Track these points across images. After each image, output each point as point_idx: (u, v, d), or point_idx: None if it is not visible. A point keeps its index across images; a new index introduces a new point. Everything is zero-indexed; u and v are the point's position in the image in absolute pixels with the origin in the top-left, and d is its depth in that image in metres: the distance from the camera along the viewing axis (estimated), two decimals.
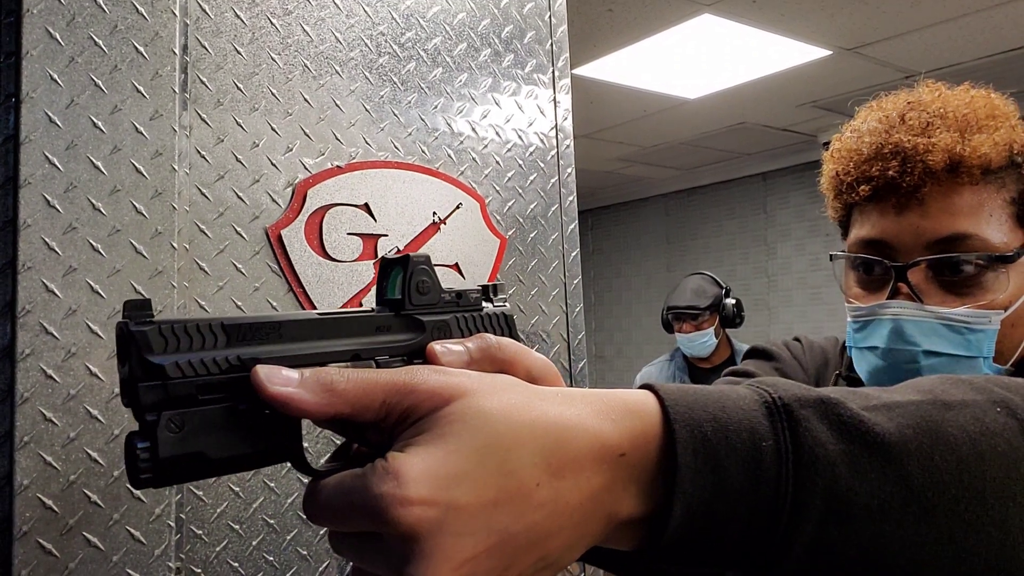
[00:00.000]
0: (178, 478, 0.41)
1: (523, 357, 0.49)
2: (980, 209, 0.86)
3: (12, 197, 0.92)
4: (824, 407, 0.45)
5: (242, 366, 0.42)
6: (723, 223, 6.58)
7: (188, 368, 0.41)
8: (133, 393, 0.40)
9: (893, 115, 0.92)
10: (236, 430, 0.42)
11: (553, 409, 0.43)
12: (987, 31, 3.63)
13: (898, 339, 0.86)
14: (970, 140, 0.86)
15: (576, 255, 1.42)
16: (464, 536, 0.39)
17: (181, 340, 0.41)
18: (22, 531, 0.89)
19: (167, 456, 0.39)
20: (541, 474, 0.41)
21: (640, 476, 0.44)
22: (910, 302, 0.86)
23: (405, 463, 0.39)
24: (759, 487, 0.43)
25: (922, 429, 0.46)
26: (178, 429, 0.40)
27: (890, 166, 0.88)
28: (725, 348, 3.43)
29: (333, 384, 0.42)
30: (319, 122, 1.16)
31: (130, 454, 0.39)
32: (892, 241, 0.89)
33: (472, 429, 0.41)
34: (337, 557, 1.13)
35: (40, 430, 0.91)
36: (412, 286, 0.50)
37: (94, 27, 0.98)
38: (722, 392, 0.46)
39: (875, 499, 0.44)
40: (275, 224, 1.11)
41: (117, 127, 0.99)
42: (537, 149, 1.39)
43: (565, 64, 1.44)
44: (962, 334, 0.84)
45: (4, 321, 0.91)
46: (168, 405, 0.40)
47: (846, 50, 3.83)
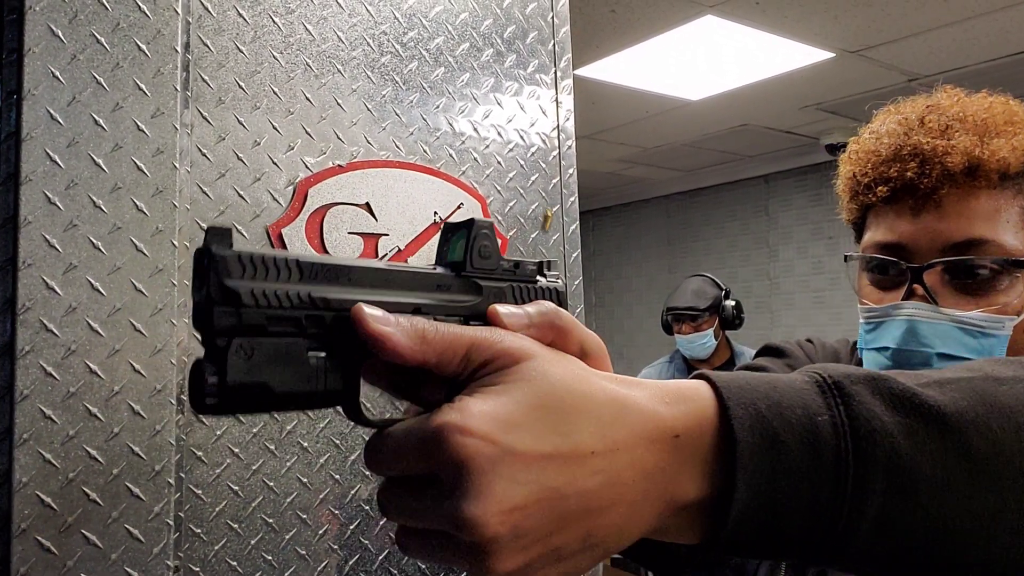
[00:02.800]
0: (242, 407, 0.41)
1: (578, 330, 0.49)
2: (997, 214, 0.86)
3: (13, 194, 0.92)
4: (875, 382, 0.45)
5: (312, 303, 0.43)
6: (725, 225, 6.57)
7: (262, 297, 0.41)
8: (207, 316, 0.40)
9: (912, 118, 0.92)
10: (301, 367, 0.42)
11: (611, 387, 0.44)
12: (992, 34, 3.63)
13: (912, 340, 0.86)
14: (989, 144, 0.86)
15: (577, 256, 1.42)
16: (516, 483, 0.40)
17: (258, 269, 0.42)
18: (21, 528, 0.89)
19: (235, 382, 0.40)
20: (597, 443, 0.42)
21: (698, 458, 0.44)
22: (925, 304, 0.86)
23: (470, 402, 0.41)
24: (820, 462, 0.43)
25: (976, 401, 0.46)
26: (247, 357, 0.40)
27: (908, 167, 0.88)
28: (725, 350, 3.43)
29: (425, 333, 0.43)
30: (320, 121, 1.16)
31: (197, 379, 0.39)
32: (908, 243, 0.89)
33: (536, 387, 0.42)
34: (337, 555, 1.12)
35: (39, 427, 0.91)
36: (475, 250, 0.51)
37: (96, 24, 0.98)
38: (772, 376, 0.47)
39: (938, 470, 0.43)
40: (276, 223, 1.11)
41: (118, 125, 0.98)
42: (539, 149, 1.39)
43: (567, 65, 1.43)
44: (976, 338, 0.84)
45: (4, 318, 0.91)
46: (239, 332, 0.40)
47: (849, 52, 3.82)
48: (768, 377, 0.46)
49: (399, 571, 1.17)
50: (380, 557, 1.16)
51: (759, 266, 6.30)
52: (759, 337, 5.94)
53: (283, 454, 1.09)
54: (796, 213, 6.05)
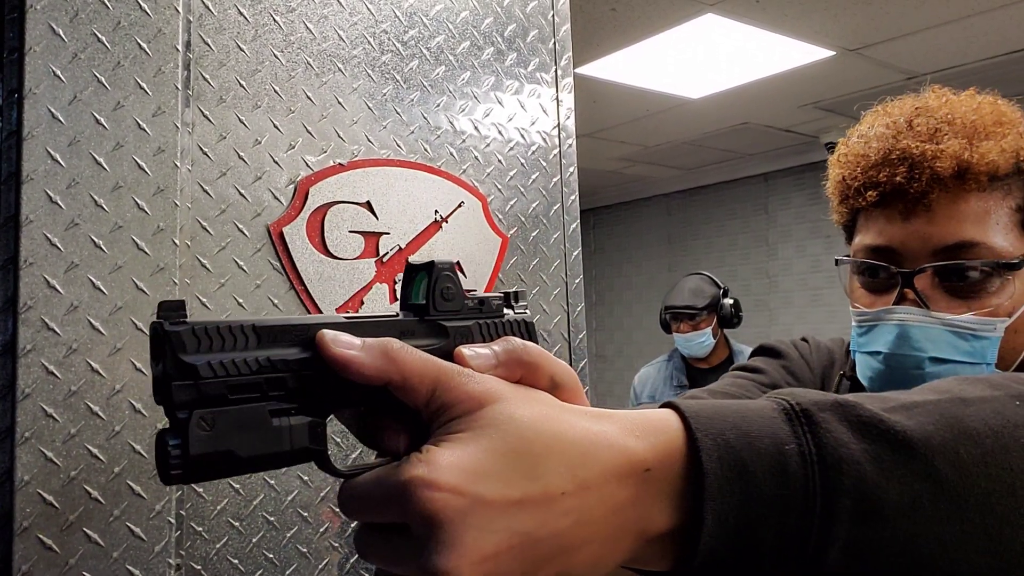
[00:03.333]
0: (207, 475, 0.41)
1: (547, 362, 0.49)
2: (986, 216, 0.86)
3: (15, 193, 0.92)
4: (842, 409, 0.46)
5: (272, 366, 0.43)
6: (725, 223, 6.57)
7: (220, 368, 0.42)
8: (166, 391, 0.41)
9: (900, 121, 0.92)
10: (265, 430, 0.43)
11: (580, 423, 0.44)
12: (991, 32, 3.63)
13: (904, 344, 0.86)
14: (978, 147, 0.86)
15: (578, 254, 1.42)
16: (487, 532, 0.40)
17: (214, 340, 0.42)
18: (23, 527, 0.89)
19: (197, 453, 0.40)
20: (567, 484, 0.42)
21: (668, 490, 0.44)
22: (916, 308, 0.86)
23: (437, 453, 0.41)
24: (787, 491, 0.43)
25: (943, 425, 0.46)
26: (209, 428, 0.41)
27: (898, 172, 0.88)
28: (723, 348, 3.43)
29: (393, 352, 0.43)
30: (321, 120, 1.16)
31: (161, 451, 0.40)
32: (898, 247, 0.89)
33: (503, 432, 0.42)
34: (339, 552, 1.13)
35: (41, 426, 0.91)
36: (437, 292, 0.51)
37: (97, 23, 0.98)
38: (740, 403, 0.47)
39: (905, 496, 0.44)
40: (277, 221, 1.11)
41: (120, 123, 0.99)
42: (539, 148, 1.39)
43: (568, 63, 1.44)
44: (967, 340, 0.85)
45: (6, 317, 0.91)
46: (200, 404, 0.41)
47: (849, 51, 3.82)
48: (737, 405, 0.47)
49: None
50: None
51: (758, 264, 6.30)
52: (757, 335, 5.95)
53: None
54: (795, 212, 6.05)
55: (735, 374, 1.05)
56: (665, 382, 3.48)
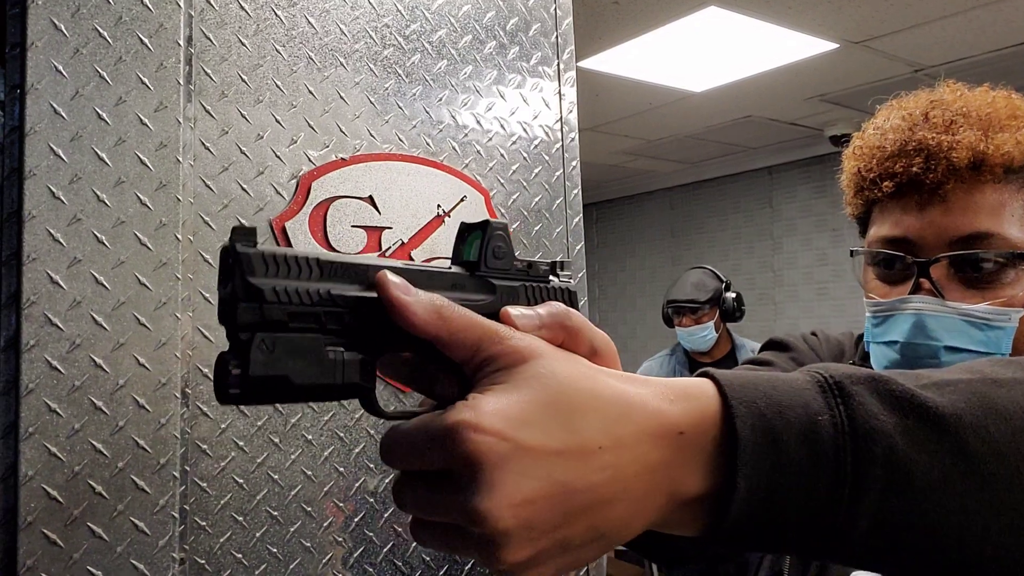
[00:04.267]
0: (263, 398, 0.43)
1: (588, 329, 0.50)
2: (1002, 207, 0.87)
3: (17, 188, 0.92)
4: (875, 383, 0.46)
5: (331, 300, 0.45)
6: (728, 217, 6.56)
7: (284, 295, 0.43)
8: (232, 312, 0.42)
9: (916, 113, 0.93)
10: (320, 361, 0.44)
11: (617, 384, 0.46)
12: (997, 24, 3.61)
13: (919, 334, 0.87)
14: (993, 138, 0.87)
15: (580, 248, 1.42)
16: (526, 477, 0.41)
17: (280, 267, 0.44)
18: (27, 521, 0.89)
19: (257, 375, 0.42)
20: (604, 439, 0.43)
21: (700, 455, 0.45)
22: (932, 297, 0.87)
23: (483, 400, 0.42)
24: (819, 460, 0.44)
25: (975, 403, 0.47)
26: (269, 351, 0.42)
27: (914, 163, 0.89)
28: (726, 342, 3.43)
29: (442, 309, 0.45)
30: (323, 114, 1.16)
31: (222, 371, 0.42)
32: (914, 238, 0.89)
33: (544, 386, 0.44)
34: (343, 547, 1.13)
35: (45, 421, 0.91)
36: (489, 250, 0.52)
37: (99, 18, 0.98)
38: (774, 375, 0.48)
39: (935, 470, 0.44)
40: (279, 216, 1.11)
41: (122, 119, 0.99)
42: (542, 142, 1.39)
43: (570, 57, 1.43)
44: (982, 330, 0.85)
45: (9, 312, 0.92)
46: (262, 327, 0.42)
47: (853, 43, 3.81)
48: (770, 376, 0.47)
49: (404, 563, 1.18)
50: (385, 549, 1.17)
51: (763, 258, 6.29)
52: (762, 329, 5.94)
53: (288, 447, 1.10)
54: (800, 205, 6.04)
55: (745, 367, 1.05)
56: (668, 376, 3.48)
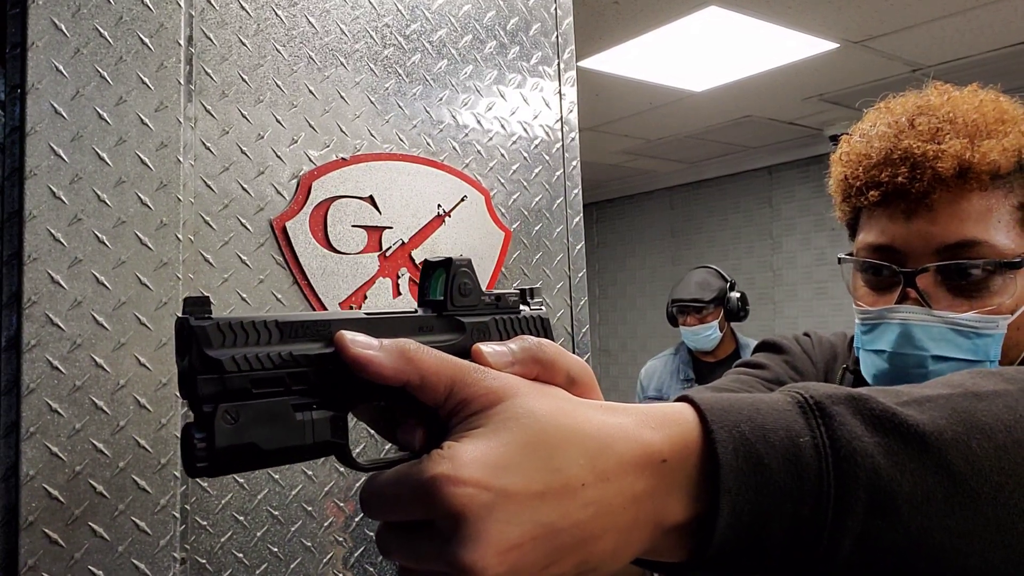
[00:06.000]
0: (232, 468, 0.42)
1: (562, 358, 0.50)
2: (988, 215, 0.87)
3: (18, 188, 0.92)
4: (855, 403, 0.46)
5: (294, 361, 0.44)
6: (728, 216, 6.56)
7: (244, 362, 0.43)
8: (192, 385, 0.42)
9: (903, 120, 0.92)
10: (288, 424, 0.43)
11: (597, 416, 0.45)
12: (995, 24, 3.61)
13: (906, 343, 0.87)
14: (979, 146, 0.86)
15: (581, 248, 1.42)
16: (511, 524, 0.41)
17: (238, 335, 0.43)
18: (28, 521, 0.89)
19: (223, 446, 0.41)
20: (587, 475, 0.43)
21: (684, 481, 0.45)
22: (919, 307, 0.87)
23: (459, 449, 0.41)
24: (802, 483, 0.44)
25: (955, 419, 0.46)
26: (233, 421, 0.42)
27: (899, 172, 0.88)
28: (730, 342, 3.43)
29: (410, 353, 0.44)
30: (324, 114, 1.16)
31: (187, 444, 0.41)
32: (901, 246, 0.89)
33: (522, 426, 0.43)
34: (343, 547, 1.13)
35: (46, 421, 0.91)
36: (454, 288, 0.51)
37: (99, 18, 0.98)
38: (755, 397, 0.48)
39: (918, 489, 0.44)
40: (280, 216, 1.11)
41: (122, 118, 0.99)
42: (542, 142, 1.39)
43: (571, 56, 1.43)
44: (970, 339, 0.85)
45: (10, 312, 0.92)
46: (225, 398, 0.42)
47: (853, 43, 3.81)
48: (751, 398, 0.47)
49: None
50: None
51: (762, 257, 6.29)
52: (761, 328, 5.94)
53: None
54: (799, 205, 6.04)
55: (738, 371, 1.05)
56: (672, 375, 3.48)
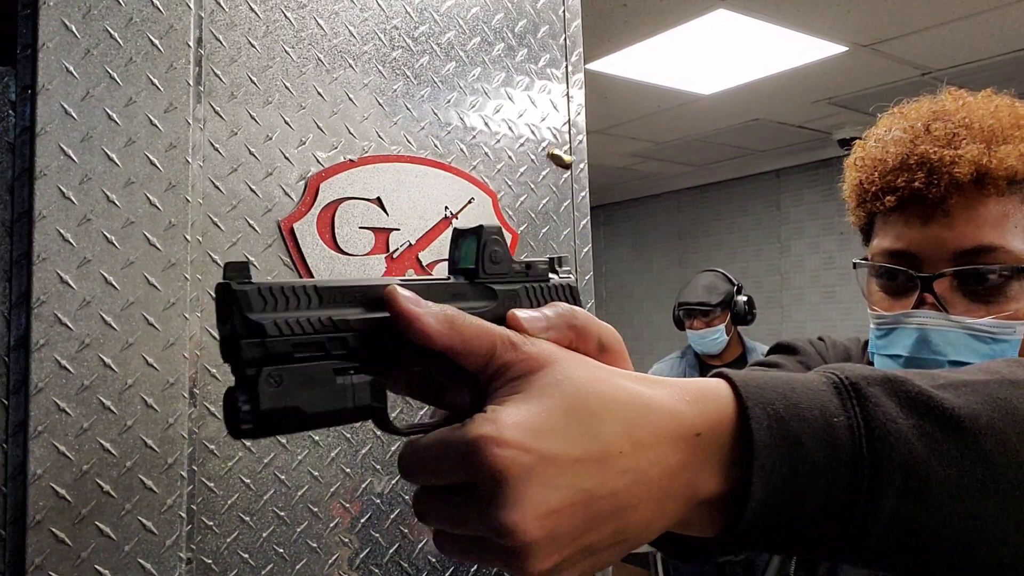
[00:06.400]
0: (275, 430, 0.43)
1: (595, 326, 0.50)
2: (1005, 220, 0.86)
3: (28, 189, 0.93)
4: (891, 384, 0.46)
5: (333, 326, 0.45)
6: (736, 220, 6.55)
7: (285, 326, 0.43)
8: (235, 349, 0.42)
9: (918, 125, 0.92)
10: (329, 387, 0.44)
11: (634, 386, 0.46)
12: (1005, 28, 3.60)
13: (924, 348, 0.86)
14: (996, 152, 0.86)
15: (588, 251, 1.42)
16: (551, 488, 0.41)
17: (279, 300, 0.44)
18: (36, 520, 0.90)
19: (267, 408, 0.42)
20: (624, 443, 0.43)
21: (718, 456, 0.45)
22: (936, 312, 0.86)
23: (503, 412, 0.42)
24: (836, 462, 0.44)
25: (992, 405, 0.46)
26: (277, 384, 0.42)
27: (916, 177, 0.88)
28: (736, 345, 3.42)
29: (454, 319, 0.45)
30: (332, 116, 1.16)
31: (231, 407, 0.42)
32: (917, 252, 0.89)
33: (562, 393, 0.43)
34: (349, 548, 1.13)
35: (54, 420, 0.92)
36: (486, 256, 0.52)
37: (109, 19, 0.98)
38: (790, 375, 0.48)
39: (952, 474, 0.44)
40: (287, 217, 1.11)
41: (132, 119, 0.99)
42: (550, 144, 1.39)
43: (579, 59, 1.43)
44: (987, 344, 0.85)
45: (20, 312, 0.92)
46: (267, 361, 0.42)
47: (862, 46, 3.80)
48: (785, 376, 0.47)
49: (410, 564, 1.18)
50: (391, 550, 1.17)
51: (770, 261, 6.28)
52: (769, 332, 5.92)
53: (294, 448, 1.10)
54: (807, 208, 6.02)
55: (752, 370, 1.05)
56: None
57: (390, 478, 1.17)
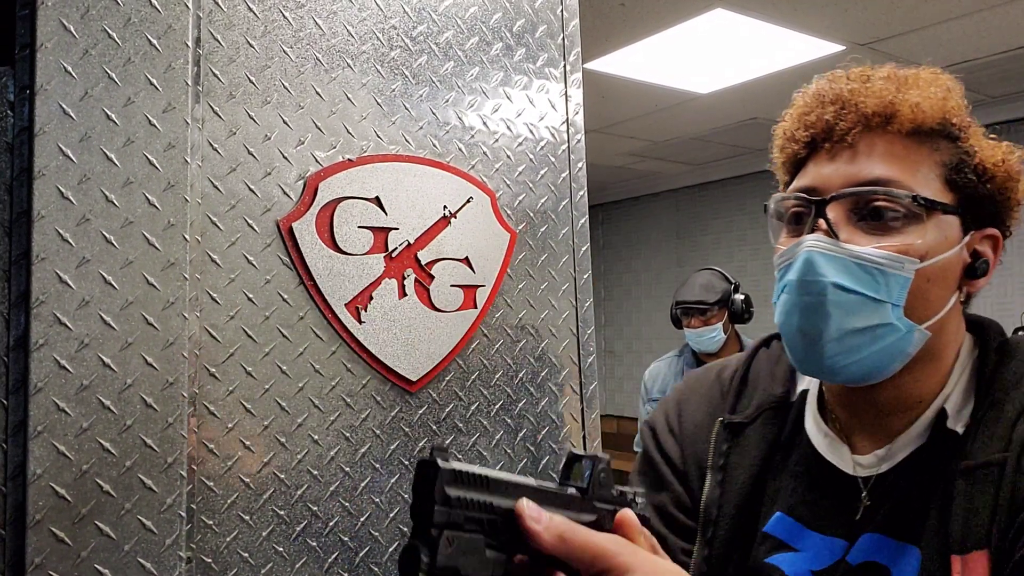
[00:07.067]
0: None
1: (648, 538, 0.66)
2: (908, 159, 0.86)
3: (27, 188, 0.93)
4: None
5: (492, 510, 0.56)
6: (734, 218, 6.55)
7: (465, 502, 0.54)
8: (428, 512, 0.52)
9: (839, 71, 0.95)
10: (481, 557, 0.55)
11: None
12: (1003, 27, 3.60)
13: (809, 271, 0.84)
14: (905, 93, 0.87)
15: (586, 250, 1.42)
16: None
17: (464, 480, 0.54)
18: (35, 519, 0.90)
19: (441, 564, 0.51)
20: None
21: None
22: (825, 237, 0.85)
23: None
24: None
25: None
26: (450, 545, 0.52)
27: (827, 111, 0.89)
28: (734, 343, 3.42)
29: (564, 535, 0.58)
30: (331, 115, 1.16)
31: (412, 557, 0.51)
32: (820, 185, 0.88)
33: None
34: (348, 547, 1.13)
35: (53, 420, 0.92)
36: (596, 480, 0.66)
37: (108, 19, 0.98)
38: None
39: None
40: (286, 217, 1.11)
41: (130, 119, 0.99)
42: (548, 143, 1.39)
43: (577, 58, 1.43)
44: (872, 275, 0.83)
45: (19, 312, 0.92)
46: (448, 527, 0.53)
47: (859, 45, 3.80)
48: None
49: None
50: (390, 549, 1.17)
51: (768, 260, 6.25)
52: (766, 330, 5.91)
53: (294, 447, 1.10)
54: None
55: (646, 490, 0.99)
56: (676, 377, 3.48)
57: (389, 477, 1.18)
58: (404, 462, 1.19)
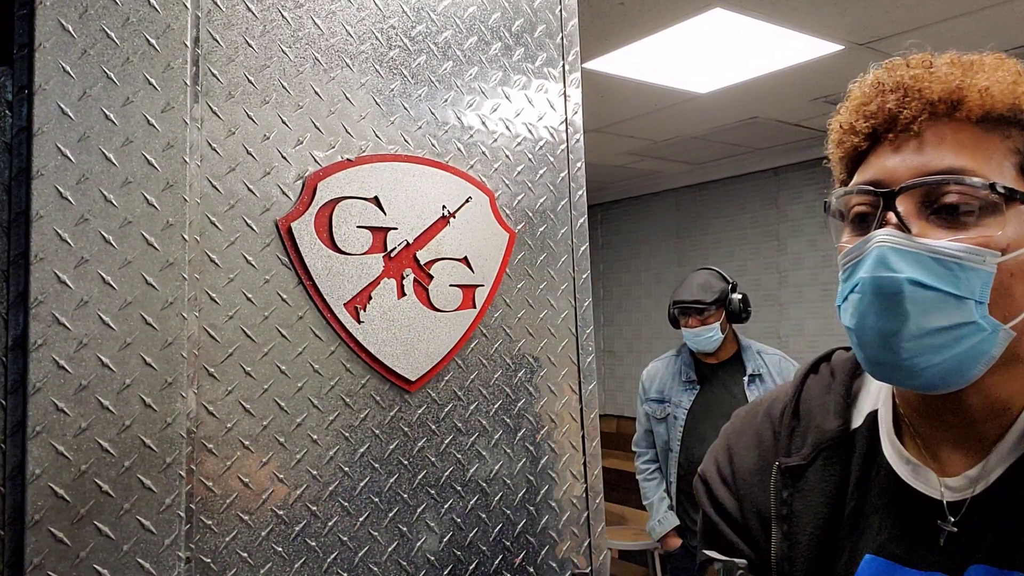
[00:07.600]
0: None
1: None
2: (979, 148, 0.79)
3: (25, 188, 0.93)
4: None
5: None
6: (734, 218, 6.55)
7: None
8: None
9: (897, 59, 0.88)
10: None
11: None
12: (1004, 26, 3.60)
13: (881, 267, 0.77)
14: (973, 77, 0.81)
15: (585, 249, 1.42)
16: None
17: None
18: (34, 520, 0.90)
19: None
20: None
21: None
22: (898, 231, 0.78)
23: None
24: None
25: None
26: None
27: (889, 100, 0.83)
28: (731, 343, 3.42)
29: None
30: (329, 115, 1.16)
31: None
32: (886, 178, 0.82)
33: None
34: (348, 547, 1.13)
35: (52, 420, 0.92)
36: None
37: (106, 19, 0.98)
38: None
39: None
40: (285, 217, 1.11)
41: (129, 119, 0.99)
42: (547, 143, 1.39)
43: (575, 58, 1.43)
44: (951, 270, 0.76)
45: (17, 312, 0.92)
46: None
47: (859, 45, 3.80)
48: None
49: (408, 563, 1.18)
50: (390, 549, 1.17)
51: (768, 259, 6.28)
52: (768, 330, 5.93)
53: (293, 447, 1.10)
54: (805, 206, 6.03)
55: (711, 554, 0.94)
56: (673, 377, 3.48)
57: (388, 477, 1.18)
58: (403, 462, 1.19)
